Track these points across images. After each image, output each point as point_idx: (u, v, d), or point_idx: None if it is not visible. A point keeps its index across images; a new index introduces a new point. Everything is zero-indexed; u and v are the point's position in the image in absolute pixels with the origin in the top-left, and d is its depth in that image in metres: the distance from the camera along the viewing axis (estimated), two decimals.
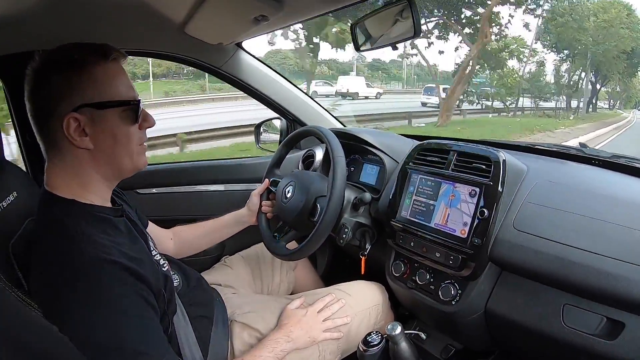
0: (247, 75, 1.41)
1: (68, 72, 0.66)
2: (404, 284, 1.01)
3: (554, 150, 1.11)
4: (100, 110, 0.67)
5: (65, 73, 0.66)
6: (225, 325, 0.94)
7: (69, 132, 0.66)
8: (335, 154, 0.98)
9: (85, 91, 0.66)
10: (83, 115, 0.66)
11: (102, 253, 0.64)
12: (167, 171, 1.51)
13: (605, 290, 0.70)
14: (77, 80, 0.66)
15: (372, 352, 0.89)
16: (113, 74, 0.70)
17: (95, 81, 0.67)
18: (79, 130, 0.67)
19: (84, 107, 0.66)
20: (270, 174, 1.21)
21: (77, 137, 0.67)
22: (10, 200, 0.77)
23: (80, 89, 0.66)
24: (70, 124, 0.66)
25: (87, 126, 0.67)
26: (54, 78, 0.66)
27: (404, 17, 0.91)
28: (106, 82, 0.68)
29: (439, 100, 15.05)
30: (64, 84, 0.66)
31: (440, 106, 13.84)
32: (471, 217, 0.86)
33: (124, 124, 0.70)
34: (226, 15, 1.05)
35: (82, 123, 0.66)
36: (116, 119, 0.69)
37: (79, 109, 0.66)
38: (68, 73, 0.66)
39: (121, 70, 0.71)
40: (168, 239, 1.10)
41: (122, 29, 1.17)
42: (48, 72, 0.66)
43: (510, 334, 0.88)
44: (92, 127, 0.67)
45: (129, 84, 0.72)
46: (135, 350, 0.63)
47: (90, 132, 0.67)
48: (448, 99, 13.22)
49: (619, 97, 23.19)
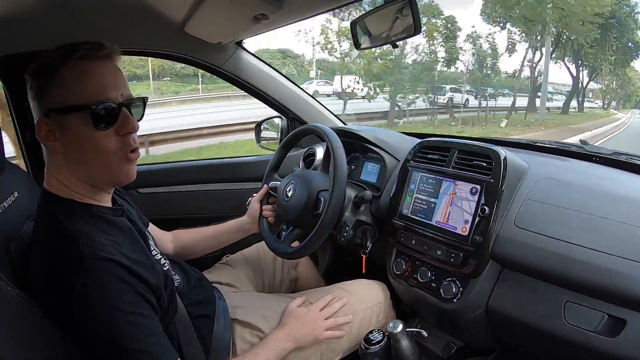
0: (247, 74, 1.41)
1: (40, 74, 0.66)
2: (405, 282, 1.01)
3: (555, 148, 1.11)
4: (63, 115, 0.64)
5: (37, 76, 0.66)
6: (227, 323, 0.94)
7: (41, 136, 0.66)
8: (335, 151, 0.98)
9: (52, 95, 0.65)
10: (51, 120, 0.65)
11: (100, 252, 0.64)
12: (168, 170, 1.51)
13: (606, 287, 0.70)
14: (48, 84, 0.65)
15: (373, 350, 0.90)
16: (78, 74, 0.65)
17: (62, 83, 0.64)
18: (51, 135, 0.66)
19: (51, 111, 0.65)
20: (269, 179, 1.19)
21: (48, 142, 0.67)
22: (11, 201, 0.77)
23: (49, 92, 0.65)
24: (41, 128, 0.66)
25: (57, 131, 0.66)
26: (32, 81, 0.67)
27: (403, 14, 0.90)
28: (72, 84, 0.64)
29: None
30: (38, 87, 0.66)
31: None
32: (472, 214, 0.86)
33: (89, 130, 0.64)
34: (226, 14, 1.05)
35: (52, 128, 0.66)
36: (80, 124, 0.64)
37: (48, 114, 0.65)
38: (40, 75, 0.66)
39: (91, 69, 0.65)
40: (167, 242, 1.10)
41: (121, 28, 1.17)
42: (30, 75, 0.67)
43: (512, 331, 0.89)
44: (60, 133, 0.66)
45: (102, 83, 0.65)
46: (135, 348, 0.63)
47: (60, 137, 0.66)
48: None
49: (617, 94, 18.24)
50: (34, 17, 0.97)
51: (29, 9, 0.93)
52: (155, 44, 1.29)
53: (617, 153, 1.01)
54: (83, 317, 0.62)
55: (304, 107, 1.51)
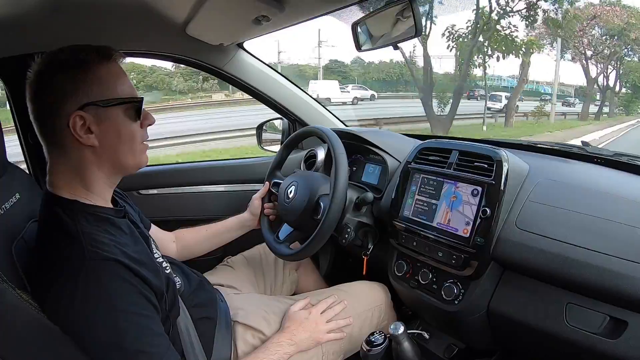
0: (248, 75, 1.41)
1: (73, 71, 0.67)
2: (406, 284, 1.01)
3: (556, 149, 1.11)
4: (105, 108, 0.69)
5: (70, 72, 0.67)
6: (228, 326, 0.94)
7: (75, 130, 0.67)
8: (337, 154, 0.98)
9: (90, 90, 0.68)
10: (88, 114, 0.67)
11: (103, 252, 0.64)
12: (169, 172, 1.51)
13: (608, 288, 0.70)
14: (82, 79, 0.67)
15: (375, 352, 0.89)
16: (115, 74, 0.71)
17: (100, 80, 0.69)
18: (85, 128, 0.68)
19: (89, 105, 0.67)
20: (271, 176, 1.21)
21: (83, 134, 0.68)
22: (13, 202, 0.78)
23: (85, 87, 0.67)
24: (76, 122, 0.67)
25: (93, 124, 0.68)
26: (59, 78, 0.67)
27: (405, 16, 0.90)
28: (110, 81, 0.70)
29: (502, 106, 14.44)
30: (69, 83, 0.67)
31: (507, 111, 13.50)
32: (473, 216, 0.86)
33: (128, 122, 0.72)
34: (227, 16, 1.05)
35: (88, 121, 0.67)
36: (120, 116, 0.71)
37: (85, 107, 0.67)
38: (73, 72, 0.67)
39: (122, 71, 0.73)
40: (170, 242, 1.10)
41: (123, 30, 1.18)
42: (53, 73, 0.67)
43: (513, 333, 0.88)
44: (97, 125, 0.68)
45: (129, 83, 0.74)
46: (137, 348, 0.64)
47: (96, 130, 0.69)
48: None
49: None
50: (36, 19, 0.97)
51: (31, 11, 0.93)
52: (157, 45, 1.29)
53: (619, 154, 1.01)
54: (85, 316, 0.62)
55: (305, 108, 1.52)
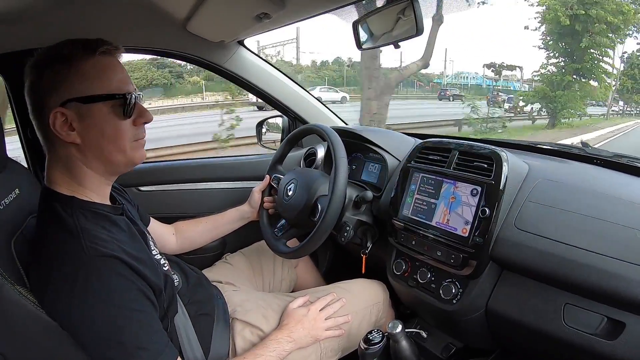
0: (249, 73, 1.41)
1: (57, 66, 0.66)
2: (405, 283, 1.01)
3: (556, 150, 1.11)
4: (87, 105, 0.67)
5: (54, 67, 0.66)
6: (227, 322, 0.94)
7: (55, 127, 0.66)
8: (337, 153, 0.98)
9: (72, 85, 0.66)
10: (70, 110, 0.66)
11: (102, 248, 0.64)
12: (169, 168, 1.51)
13: (606, 289, 0.70)
14: (65, 74, 0.66)
15: (373, 350, 0.90)
16: (103, 68, 0.68)
17: (83, 75, 0.66)
18: (67, 125, 0.66)
19: (71, 101, 0.66)
20: (272, 170, 1.21)
21: (64, 132, 0.67)
22: (13, 197, 0.78)
23: (68, 83, 0.66)
24: (57, 119, 0.66)
25: (74, 121, 0.67)
26: (46, 73, 0.66)
27: (406, 15, 0.90)
28: (95, 76, 0.67)
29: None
30: (53, 78, 0.66)
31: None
32: (472, 215, 0.86)
33: (114, 119, 0.69)
34: (228, 13, 1.05)
35: (69, 118, 0.66)
36: (104, 113, 0.68)
37: (66, 104, 0.66)
38: (57, 67, 0.66)
39: (113, 64, 0.70)
40: (170, 235, 1.11)
41: (123, 26, 1.17)
42: (42, 68, 0.67)
43: (511, 332, 0.89)
44: (79, 122, 0.67)
45: (122, 77, 0.71)
46: (135, 344, 0.64)
47: (78, 127, 0.67)
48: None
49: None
50: (36, 15, 0.97)
51: (31, 6, 0.92)
52: (157, 42, 1.29)
53: (618, 155, 1.01)
54: (83, 313, 0.62)
55: (305, 106, 1.52)
